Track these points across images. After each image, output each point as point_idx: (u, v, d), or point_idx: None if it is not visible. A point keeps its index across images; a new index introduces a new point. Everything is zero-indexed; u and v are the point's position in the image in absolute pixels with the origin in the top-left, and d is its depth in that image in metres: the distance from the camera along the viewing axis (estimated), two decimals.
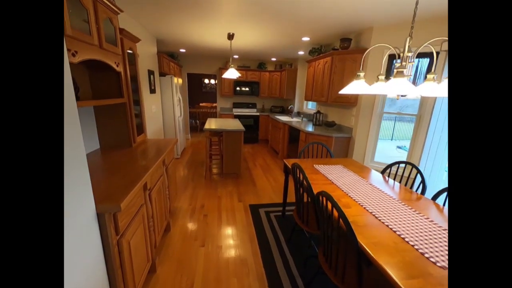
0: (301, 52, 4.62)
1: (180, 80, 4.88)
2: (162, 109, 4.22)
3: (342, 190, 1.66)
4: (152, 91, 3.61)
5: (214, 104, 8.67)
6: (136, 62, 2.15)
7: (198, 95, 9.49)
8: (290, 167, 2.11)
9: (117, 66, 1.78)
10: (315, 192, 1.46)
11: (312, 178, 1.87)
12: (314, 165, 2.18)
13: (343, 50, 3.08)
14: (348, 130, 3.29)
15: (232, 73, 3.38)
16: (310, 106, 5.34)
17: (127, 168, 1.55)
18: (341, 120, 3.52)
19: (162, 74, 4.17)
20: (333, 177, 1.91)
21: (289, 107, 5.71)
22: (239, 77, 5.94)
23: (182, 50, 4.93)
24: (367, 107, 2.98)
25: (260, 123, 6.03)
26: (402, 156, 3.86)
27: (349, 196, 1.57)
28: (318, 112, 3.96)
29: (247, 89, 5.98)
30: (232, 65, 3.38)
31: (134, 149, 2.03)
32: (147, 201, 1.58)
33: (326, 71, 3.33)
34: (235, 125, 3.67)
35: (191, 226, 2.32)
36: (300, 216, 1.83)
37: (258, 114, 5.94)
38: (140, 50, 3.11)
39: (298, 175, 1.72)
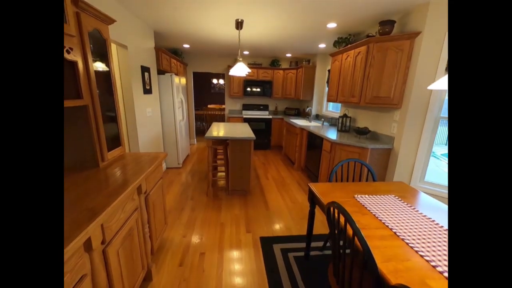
0: (322, 45, 3.93)
1: (184, 80, 4.35)
2: (161, 112, 3.68)
3: (416, 250, 0.97)
4: (147, 91, 3.07)
5: (223, 106, 8.13)
6: (108, 51, 1.58)
7: (207, 96, 9.00)
8: (318, 196, 1.45)
9: (69, 53, 1.21)
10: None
11: (359, 221, 1.20)
12: (356, 196, 1.50)
13: (383, 36, 2.37)
14: (388, 140, 2.57)
15: (240, 69, 2.77)
16: (332, 108, 4.63)
17: (69, 209, 0.96)
18: (377, 127, 2.80)
19: (161, 72, 3.64)
20: (390, 219, 1.23)
21: (307, 109, 5.02)
22: (249, 75, 5.35)
23: (186, 46, 4.39)
24: (418, 110, 2.25)
25: (273, 127, 5.38)
26: None
27: (435, 266, 0.89)
28: (345, 115, 3.25)
29: (258, 89, 5.35)
30: (240, 59, 2.76)
31: (101, 170, 1.45)
32: (97, 271, 0.97)
33: (359, 65, 2.63)
34: (244, 131, 3.05)
35: (181, 274, 1.71)
36: (340, 280, 1.16)
37: (270, 117, 5.30)
38: (132, 42, 2.57)
39: (336, 218, 1.07)
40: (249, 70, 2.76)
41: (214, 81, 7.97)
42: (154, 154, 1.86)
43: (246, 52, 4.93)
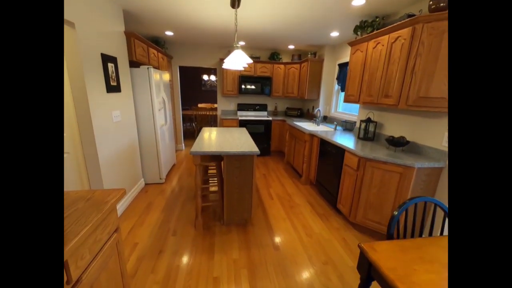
0: (334, 33, 3.26)
1: (167, 76, 3.58)
2: (137, 116, 2.91)
3: None
4: (113, 88, 2.29)
5: (215, 105, 7.37)
6: None
7: (197, 94, 8.19)
8: (387, 276, 0.80)
9: None
10: None
11: None
12: None
13: (438, 13, 1.71)
14: (437, 155, 1.93)
15: (238, 59, 2.05)
16: (342, 109, 3.98)
17: None
18: (418, 136, 2.15)
19: (134, 64, 2.86)
20: None
21: (315, 110, 4.35)
22: (246, 70, 4.62)
23: (169, 34, 3.60)
24: None
25: (273, 130, 4.69)
26: None
27: None
28: (369, 120, 2.60)
29: (255, 86, 4.63)
30: (239, 45, 2.03)
31: None
32: None
33: (398, 54, 1.97)
34: (243, 141, 2.34)
35: None
36: None
37: (270, 119, 4.60)
38: (83, 19, 1.79)
39: None
40: (250, 61, 2.05)
41: (205, 77, 7.17)
42: (99, 193, 1.12)
43: (242, 43, 4.19)
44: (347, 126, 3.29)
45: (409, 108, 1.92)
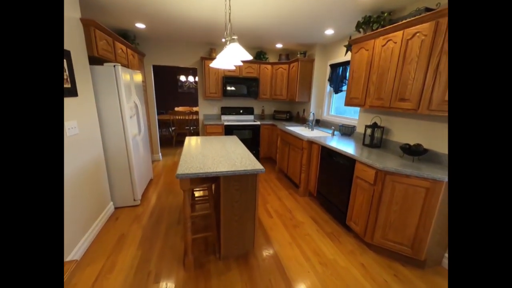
0: (329, 31, 3.01)
1: (139, 76, 3.01)
2: (101, 126, 2.33)
3: None
4: (66, 92, 1.73)
5: (195, 109, 6.80)
6: None
7: (173, 97, 7.52)
8: None
9: None
10: None
11: None
12: None
13: None
14: None
15: (235, 54, 1.63)
16: (334, 112, 3.78)
17: None
18: (436, 144, 1.95)
19: (96, 60, 2.29)
20: None
21: (308, 113, 4.07)
22: (230, 70, 4.20)
23: (140, 26, 3.05)
24: None
25: (262, 135, 4.33)
26: None
27: None
28: (375, 125, 2.37)
29: (241, 88, 4.23)
30: (235, 37, 1.62)
31: None
32: None
33: (416, 52, 1.74)
34: (240, 155, 1.93)
35: None
36: None
37: (258, 123, 4.23)
38: None
39: None
40: (250, 57, 1.65)
41: (182, 78, 6.55)
42: None
43: (224, 39, 3.76)
44: (346, 131, 3.06)
45: (431, 113, 1.69)
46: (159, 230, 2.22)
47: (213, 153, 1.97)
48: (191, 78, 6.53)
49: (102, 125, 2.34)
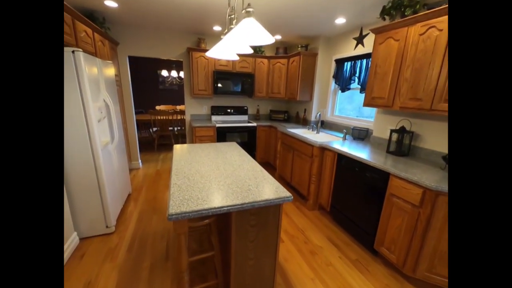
0: (340, 20, 2.61)
1: (111, 69, 2.39)
2: None
3: None
4: None
5: (179, 107, 6.15)
6: None
7: (153, 94, 6.77)
8: None
9: None
10: None
11: None
12: None
13: None
14: None
15: (251, 35, 1.13)
16: (338, 113, 3.43)
17: None
18: None
19: None
20: None
21: (311, 114, 3.66)
22: (222, 64, 3.67)
23: (111, 4, 2.41)
24: None
25: (258, 138, 3.87)
26: None
27: None
28: (403, 130, 2.01)
29: (234, 85, 3.72)
30: (248, 9, 1.12)
31: None
32: None
33: None
34: (254, 174, 1.46)
35: None
36: None
37: (254, 124, 3.76)
38: None
39: None
40: (272, 40, 1.17)
41: (164, 73, 5.84)
42: None
43: (217, 28, 3.22)
44: (359, 135, 2.71)
45: None
46: (141, 271, 1.68)
47: (214, 171, 1.47)
48: (174, 73, 5.86)
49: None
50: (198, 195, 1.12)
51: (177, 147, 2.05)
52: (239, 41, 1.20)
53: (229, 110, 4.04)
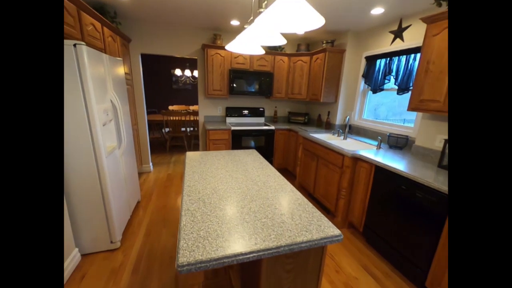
0: (377, 11, 2.26)
1: (121, 67, 2.19)
2: None
3: None
4: None
5: (192, 108, 5.97)
6: None
7: (166, 94, 6.64)
8: None
9: None
10: None
11: None
12: None
13: None
14: None
15: (295, 18, 0.84)
16: (366, 116, 3.06)
17: None
18: None
19: None
20: None
21: (345, 118, 3.31)
22: (239, 62, 3.41)
23: None
24: None
25: (276, 142, 3.57)
26: None
27: None
28: None
29: (251, 85, 3.45)
30: None
31: None
32: None
33: None
34: (282, 196, 1.17)
35: None
36: None
37: (272, 128, 3.46)
38: None
39: None
40: (321, 22, 0.88)
41: (178, 72, 5.67)
42: None
43: (235, 22, 2.96)
44: (396, 143, 2.34)
45: None
46: None
47: (235, 190, 1.19)
48: (187, 72, 5.69)
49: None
50: (217, 230, 0.85)
51: (189, 156, 1.80)
52: (272, 27, 0.91)
53: (245, 112, 3.77)
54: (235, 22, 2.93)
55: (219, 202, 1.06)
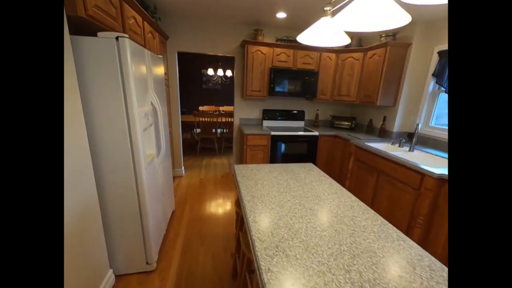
0: None
1: (161, 66, 1.99)
2: (93, 147, 1.31)
3: None
4: None
5: (222, 109, 5.79)
6: None
7: (197, 94, 6.55)
8: None
9: None
10: None
11: None
12: None
13: None
14: None
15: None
16: (434, 123, 2.54)
17: None
18: None
19: (81, 25, 1.26)
20: None
21: (416, 125, 2.83)
22: (281, 60, 3.06)
23: None
24: None
25: (319, 150, 3.18)
26: None
27: None
28: None
29: (293, 85, 3.09)
30: None
31: None
32: None
33: None
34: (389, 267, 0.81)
35: None
36: None
37: (316, 133, 3.08)
38: None
39: None
40: None
41: (210, 71, 5.50)
42: None
43: (281, 15, 2.63)
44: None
45: None
46: None
47: (320, 233, 0.85)
48: (220, 72, 5.51)
49: (95, 146, 1.32)
50: None
51: (239, 171, 1.50)
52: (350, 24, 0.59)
53: (283, 114, 3.43)
54: (281, 15, 2.60)
55: (307, 255, 0.74)
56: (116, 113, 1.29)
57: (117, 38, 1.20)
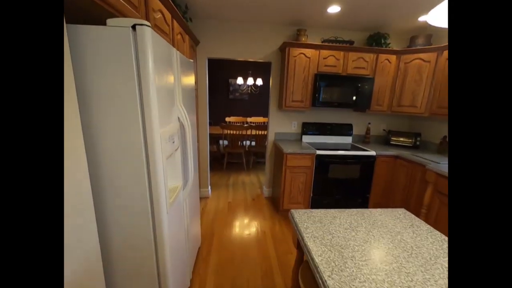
0: None
1: (192, 75, 1.62)
2: (95, 187, 0.91)
3: None
4: None
5: (250, 120, 5.40)
6: None
7: (222, 104, 6.27)
8: None
9: None
10: None
11: None
12: None
13: None
14: None
15: None
16: None
17: None
18: None
19: (87, 13, 0.88)
20: None
21: None
22: (329, 64, 2.51)
23: None
24: None
25: (376, 173, 2.55)
26: None
27: None
28: None
29: (341, 94, 2.56)
30: None
31: None
32: None
33: None
34: None
35: None
36: None
37: (373, 153, 2.48)
38: None
39: None
40: None
41: (239, 80, 5.16)
42: None
43: (334, 9, 2.15)
44: None
45: None
46: None
47: None
48: (250, 81, 5.15)
49: (98, 186, 0.92)
50: None
51: (300, 221, 1.00)
52: None
53: (327, 129, 2.89)
54: (334, 9, 2.13)
55: None
56: (129, 137, 0.89)
57: (134, 26, 0.81)
